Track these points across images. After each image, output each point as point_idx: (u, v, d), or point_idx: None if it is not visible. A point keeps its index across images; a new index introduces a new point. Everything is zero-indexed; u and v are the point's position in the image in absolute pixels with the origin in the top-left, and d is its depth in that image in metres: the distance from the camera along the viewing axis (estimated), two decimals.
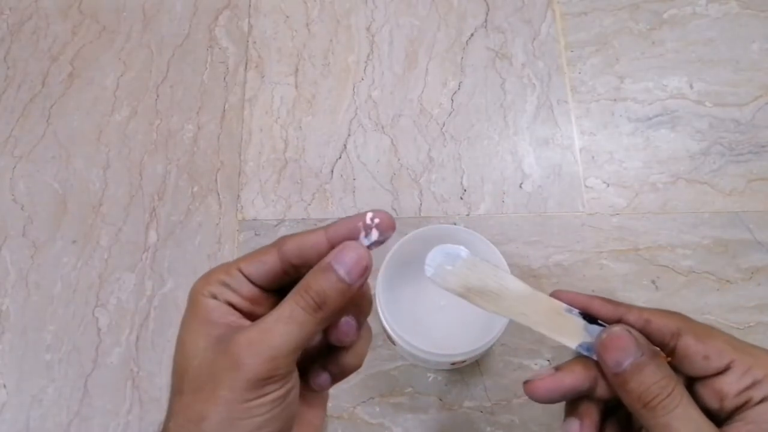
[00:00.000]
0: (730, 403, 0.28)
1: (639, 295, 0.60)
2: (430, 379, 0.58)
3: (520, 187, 0.65)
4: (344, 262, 0.27)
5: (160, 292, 0.62)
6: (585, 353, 0.30)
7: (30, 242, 0.64)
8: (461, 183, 0.65)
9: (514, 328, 0.59)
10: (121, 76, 0.71)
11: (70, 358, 0.60)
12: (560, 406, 0.57)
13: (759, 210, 0.63)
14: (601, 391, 0.30)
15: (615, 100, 0.68)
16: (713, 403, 0.29)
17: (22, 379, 0.59)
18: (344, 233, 0.29)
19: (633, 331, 0.29)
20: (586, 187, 0.65)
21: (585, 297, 0.31)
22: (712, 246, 0.62)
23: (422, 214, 0.64)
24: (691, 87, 0.68)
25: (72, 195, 0.66)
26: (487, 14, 0.72)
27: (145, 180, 0.66)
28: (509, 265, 0.61)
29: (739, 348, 0.29)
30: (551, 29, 0.71)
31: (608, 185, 0.65)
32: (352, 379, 0.58)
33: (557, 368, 0.31)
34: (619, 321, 0.30)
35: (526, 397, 0.57)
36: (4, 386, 0.59)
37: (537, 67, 0.70)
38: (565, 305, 0.30)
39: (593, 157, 0.66)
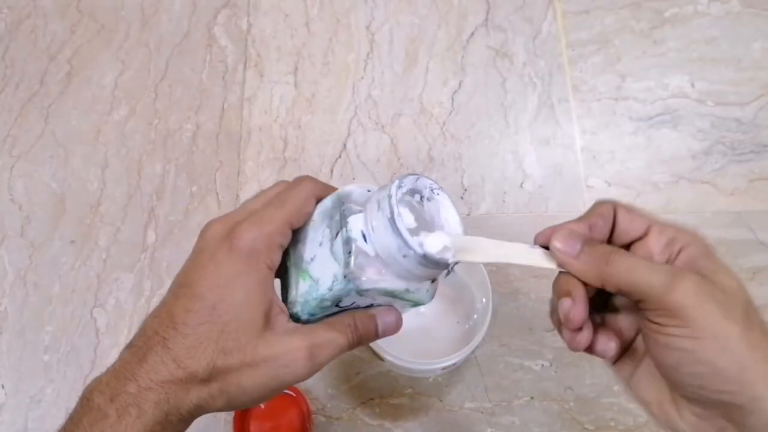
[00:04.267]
0: (659, 260, 0.33)
1: None
2: (431, 380, 0.58)
3: (521, 186, 0.65)
4: (385, 321, 0.34)
5: (158, 292, 0.61)
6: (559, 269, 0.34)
7: (28, 242, 0.64)
8: (462, 182, 0.65)
9: (514, 328, 0.59)
10: (120, 75, 0.71)
11: (69, 358, 0.59)
12: (558, 409, 0.56)
13: (761, 210, 0.63)
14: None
15: (616, 99, 0.68)
16: None
17: (21, 379, 0.59)
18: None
19: (565, 229, 0.32)
20: (588, 186, 0.65)
21: (561, 229, 0.33)
22: (713, 246, 0.62)
23: None
24: (693, 86, 0.68)
25: (70, 195, 0.66)
26: (487, 13, 0.72)
27: (143, 180, 0.66)
28: (509, 265, 0.61)
29: (658, 219, 0.34)
30: (552, 28, 0.71)
31: (610, 185, 0.65)
32: (352, 380, 0.58)
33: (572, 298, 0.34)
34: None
35: (527, 398, 0.57)
36: (3, 387, 0.59)
37: (538, 66, 0.69)
38: (528, 245, 0.34)
39: (594, 157, 0.66)
